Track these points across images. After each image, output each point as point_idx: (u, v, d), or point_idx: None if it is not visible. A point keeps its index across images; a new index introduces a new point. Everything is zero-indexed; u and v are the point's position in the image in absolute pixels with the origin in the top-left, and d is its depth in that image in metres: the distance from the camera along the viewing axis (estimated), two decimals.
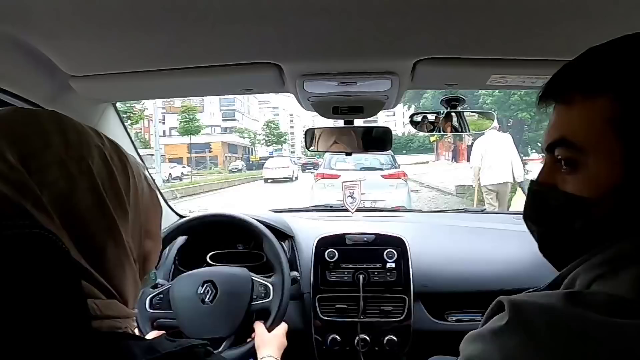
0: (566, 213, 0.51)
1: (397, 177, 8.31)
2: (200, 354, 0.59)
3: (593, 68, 0.50)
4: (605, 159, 0.47)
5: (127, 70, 1.02)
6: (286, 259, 1.41)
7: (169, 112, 49.20)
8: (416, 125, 1.50)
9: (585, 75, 0.50)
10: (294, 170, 22.50)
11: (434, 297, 1.57)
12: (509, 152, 5.67)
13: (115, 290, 0.57)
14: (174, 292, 1.35)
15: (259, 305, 1.33)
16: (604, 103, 0.47)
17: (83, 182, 0.52)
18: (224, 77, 1.08)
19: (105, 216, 0.54)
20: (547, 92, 0.54)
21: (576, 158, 0.49)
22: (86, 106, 1.26)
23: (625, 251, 0.44)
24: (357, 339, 1.49)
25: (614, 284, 0.42)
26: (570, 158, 0.50)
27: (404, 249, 1.57)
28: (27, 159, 0.49)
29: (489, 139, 5.70)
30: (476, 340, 0.46)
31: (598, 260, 0.46)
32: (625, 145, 0.46)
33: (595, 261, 0.46)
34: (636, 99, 0.46)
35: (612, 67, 0.48)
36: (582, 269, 0.47)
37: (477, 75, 1.07)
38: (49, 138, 0.51)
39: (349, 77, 1.07)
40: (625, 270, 0.42)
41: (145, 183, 0.64)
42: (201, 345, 0.60)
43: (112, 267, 0.56)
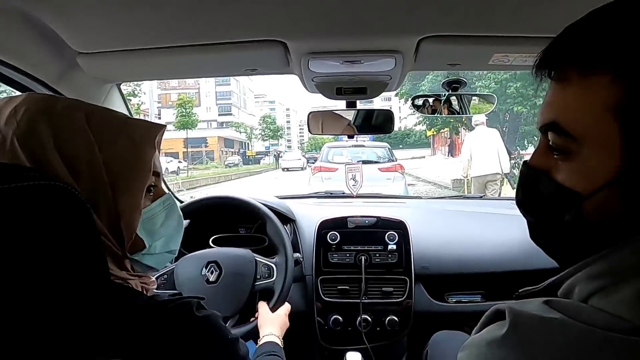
0: (556, 204, 0.46)
1: (394, 170, 8.33)
2: (193, 304, 0.61)
3: (592, 38, 0.42)
4: (602, 150, 0.42)
5: (133, 47, 1.03)
6: (289, 240, 1.42)
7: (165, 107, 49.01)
8: (418, 108, 1.52)
9: (582, 47, 0.43)
10: (304, 162, 28.06)
11: (434, 279, 1.59)
12: (495, 146, 5.99)
13: None
14: (178, 272, 1.36)
15: (262, 285, 1.34)
16: (603, 84, 0.41)
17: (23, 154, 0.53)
18: (229, 56, 1.09)
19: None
20: (542, 63, 0.47)
21: (569, 146, 0.44)
22: (92, 86, 1.26)
23: (626, 263, 0.40)
24: (359, 320, 1.51)
25: (613, 301, 0.39)
26: (562, 145, 0.45)
27: (405, 232, 1.59)
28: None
29: (477, 134, 6.09)
30: (474, 347, 0.45)
31: (598, 270, 0.42)
32: (626, 135, 0.40)
33: (595, 270, 0.42)
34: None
35: (613, 38, 0.41)
36: (582, 277, 0.43)
37: (480, 54, 1.08)
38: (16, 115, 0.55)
39: (354, 56, 1.08)
40: (625, 285, 0.39)
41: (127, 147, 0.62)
42: (195, 299, 0.63)
43: None
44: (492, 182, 5.99)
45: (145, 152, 0.64)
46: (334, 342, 1.58)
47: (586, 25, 0.43)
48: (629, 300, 0.38)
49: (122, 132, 0.62)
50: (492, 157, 5.92)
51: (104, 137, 0.59)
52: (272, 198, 1.77)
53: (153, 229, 0.69)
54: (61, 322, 0.44)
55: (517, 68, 1.17)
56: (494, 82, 13.93)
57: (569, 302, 0.42)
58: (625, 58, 0.39)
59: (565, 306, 0.41)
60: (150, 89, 24.21)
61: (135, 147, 0.63)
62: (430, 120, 20.53)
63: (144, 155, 0.64)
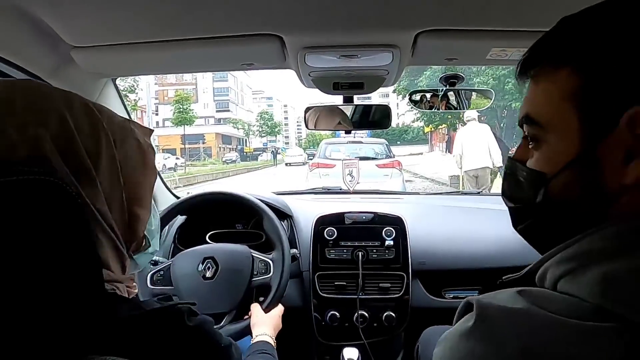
0: (528, 187, 0.51)
1: (391, 167, 8.34)
2: (184, 312, 0.60)
3: (557, 40, 0.49)
4: (564, 135, 0.47)
5: (128, 41, 1.02)
6: (286, 236, 1.41)
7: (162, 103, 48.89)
8: (415, 103, 1.51)
9: (549, 48, 0.49)
10: (305, 157, 31.30)
11: (431, 275, 1.59)
12: (486, 140, 6.21)
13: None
14: (174, 268, 1.35)
15: (259, 281, 1.34)
16: (565, 76, 0.46)
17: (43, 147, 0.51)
18: (225, 50, 1.08)
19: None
20: (521, 68, 0.53)
21: (538, 134, 0.50)
22: (87, 81, 1.25)
23: (594, 247, 0.43)
24: (356, 315, 1.51)
25: (579, 284, 0.42)
26: (533, 134, 0.51)
27: (402, 228, 1.59)
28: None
29: (469, 130, 6.32)
30: (447, 341, 0.46)
31: (567, 254, 0.45)
32: (582, 120, 0.45)
33: (565, 255, 0.45)
34: (597, 70, 0.44)
35: (575, 38, 0.46)
36: (554, 262, 0.46)
37: (478, 48, 1.08)
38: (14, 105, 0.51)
39: (351, 50, 1.07)
40: (591, 268, 0.41)
41: (135, 148, 0.63)
42: (186, 304, 0.62)
43: None
44: (482, 176, 6.20)
45: (150, 153, 0.65)
46: (331, 337, 1.57)
47: (556, 29, 0.49)
48: (592, 282, 0.40)
49: (128, 132, 0.62)
50: (482, 151, 6.12)
51: (116, 135, 0.59)
52: (269, 194, 1.77)
53: (151, 228, 0.69)
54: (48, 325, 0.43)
55: (515, 63, 1.15)
56: (492, 78, 13.94)
57: (539, 291, 0.45)
58: (583, 53, 0.45)
59: (535, 295, 0.43)
60: (148, 85, 24.18)
61: (142, 148, 0.64)
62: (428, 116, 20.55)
63: (149, 155, 0.65)
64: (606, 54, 0.44)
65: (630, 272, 0.39)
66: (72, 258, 0.46)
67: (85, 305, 0.47)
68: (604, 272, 0.40)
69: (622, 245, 0.41)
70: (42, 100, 0.54)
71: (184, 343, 0.58)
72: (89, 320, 0.47)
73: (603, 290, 0.40)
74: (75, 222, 0.47)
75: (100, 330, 0.50)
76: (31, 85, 0.54)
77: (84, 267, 0.47)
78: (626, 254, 0.40)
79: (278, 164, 33.17)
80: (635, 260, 0.39)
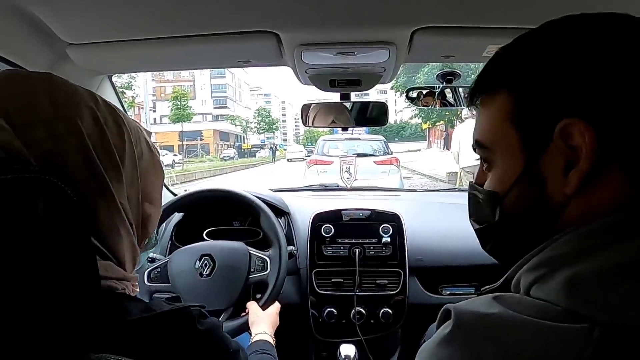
0: (486, 207, 0.53)
1: (389, 163, 8.34)
2: (195, 315, 0.60)
3: (493, 68, 0.52)
4: (508, 152, 0.49)
5: (124, 39, 1.01)
6: (283, 233, 1.42)
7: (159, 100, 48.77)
8: (412, 100, 1.51)
9: (488, 76, 0.53)
10: (305, 153, 31.22)
11: (428, 271, 1.59)
12: None
13: (110, 252, 0.57)
14: (171, 265, 1.35)
15: (256, 278, 1.34)
16: (501, 99, 0.49)
17: (70, 143, 0.52)
18: (221, 47, 1.08)
19: (95, 177, 0.54)
20: (469, 98, 0.56)
21: (488, 157, 0.53)
22: (83, 78, 1.25)
23: (558, 253, 0.44)
24: (353, 312, 1.51)
25: (547, 289, 0.43)
26: (485, 157, 0.54)
27: (399, 224, 1.59)
28: (11, 117, 0.49)
29: (466, 127, 6.38)
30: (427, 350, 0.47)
31: (535, 262, 0.46)
32: (522, 136, 0.47)
33: (534, 263, 0.46)
34: (526, 87, 0.47)
35: (507, 62, 0.50)
36: (524, 270, 0.47)
37: (474, 45, 1.08)
38: (36, 99, 0.51)
39: (347, 47, 1.07)
40: (557, 273, 0.42)
41: (146, 148, 0.64)
42: (197, 307, 0.61)
43: (106, 230, 0.56)
44: None
45: (157, 153, 0.67)
46: (328, 334, 1.58)
47: (491, 60, 0.53)
48: (559, 286, 0.41)
49: (140, 132, 0.64)
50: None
51: (132, 134, 0.60)
52: (266, 191, 1.77)
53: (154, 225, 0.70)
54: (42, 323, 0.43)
55: None
56: None
57: (512, 296, 0.46)
58: (514, 75, 0.48)
59: (509, 300, 0.44)
60: (145, 82, 24.08)
61: (150, 147, 0.65)
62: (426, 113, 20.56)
63: (157, 155, 0.67)
64: (533, 72, 0.47)
65: (593, 273, 0.40)
66: (66, 257, 0.46)
67: (81, 304, 0.47)
68: (569, 276, 0.41)
69: (584, 248, 0.42)
70: (71, 95, 0.54)
71: (193, 347, 0.57)
72: (87, 319, 0.47)
73: (569, 294, 0.40)
74: (71, 221, 0.47)
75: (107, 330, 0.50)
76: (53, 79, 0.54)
77: (80, 267, 0.47)
78: (589, 256, 0.41)
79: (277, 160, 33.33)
80: (598, 261, 0.40)
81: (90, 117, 0.55)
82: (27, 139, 0.49)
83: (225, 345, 0.65)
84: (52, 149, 0.50)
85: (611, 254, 0.40)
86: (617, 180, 0.44)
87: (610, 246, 0.41)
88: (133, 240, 0.61)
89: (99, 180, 0.54)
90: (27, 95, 0.51)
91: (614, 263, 0.40)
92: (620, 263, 0.39)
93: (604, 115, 0.43)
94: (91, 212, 0.54)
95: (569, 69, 0.44)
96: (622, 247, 0.40)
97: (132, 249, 0.61)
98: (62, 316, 0.44)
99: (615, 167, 0.43)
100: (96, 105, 0.56)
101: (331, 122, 1.51)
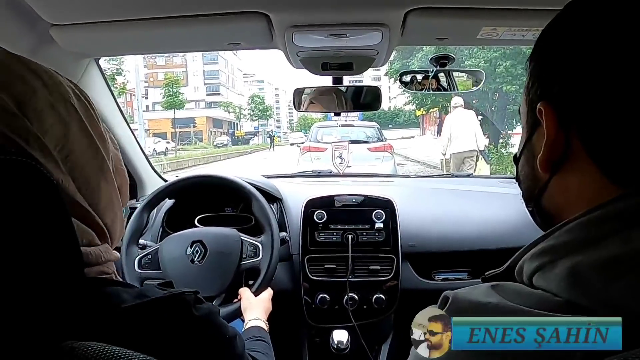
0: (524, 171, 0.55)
1: (383, 150, 8.36)
2: (190, 301, 0.58)
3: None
4: (522, 122, 0.53)
5: (110, 19, 0.98)
6: (275, 219, 1.41)
7: (152, 86, 48.31)
8: (405, 85, 1.50)
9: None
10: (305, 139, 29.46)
11: (421, 257, 1.59)
12: (472, 125, 6.74)
13: (107, 228, 0.57)
14: (162, 252, 1.34)
15: (248, 264, 1.33)
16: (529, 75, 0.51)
17: (74, 125, 0.51)
18: (210, 29, 1.05)
19: (96, 157, 0.54)
20: None
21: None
22: (68, 61, 1.21)
23: (562, 241, 0.43)
24: (346, 298, 1.51)
25: (549, 279, 0.42)
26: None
27: (392, 210, 1.58)
28: (22, 106, 0.47)
29: (456, 115, 6.85)
30: None
31: (539, 249, 0.45)
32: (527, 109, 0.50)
33: (538, 250, 0.45)
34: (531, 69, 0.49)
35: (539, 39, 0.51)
36: (528, 257, 0.46)
37: (468, 27, 1.06)
38: (32, 83, 0.49)
39: (339, 29, 1.05)
40: (560, 262, 0.42)
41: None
42: (191, 292, 0.60)
43: (105, 206, 0.56)
44: (469, 158, 6.69)
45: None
46: (321, 320, 1.58)
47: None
48: (560, 277, 0.41)
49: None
50: (469, 135, 6.62)
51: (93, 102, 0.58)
52: (258, 177, 1.75)
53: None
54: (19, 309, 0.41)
55: (506, 43, 1.15)
56: (484, 61, 13.85)
57: (510, 285, 0.46)
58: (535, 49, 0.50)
59: (507, 289, 0.44)
60: (136, 68, 23.80)
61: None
62: (420, 99, 20.48)
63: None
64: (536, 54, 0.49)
65: (595, 263, 0.39)
66: (47, 240, 0.44)
67: (62, 289, 0.45)
68: (570, 266, 0.40)
69: (586, 238, 0.42)
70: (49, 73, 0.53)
71: (189, 333, 0.56)
72: (68, 306, 0.46)
73: (571, 284, 0.40)
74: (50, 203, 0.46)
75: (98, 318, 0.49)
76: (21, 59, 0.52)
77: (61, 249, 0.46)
78: (590, 246, 0.40)
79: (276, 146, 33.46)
80: (599, 251, 0.40)
81: (75, 96, 0.53)
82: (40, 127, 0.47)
83: (222, 331, 0.63)
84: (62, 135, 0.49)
85: (612, 244, 0.39)
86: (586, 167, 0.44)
87: (611, 236, 0.40)
88: (122, 211, 0.61)
89: (99, 159, 0.54)
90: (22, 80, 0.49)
91: (615, 254, 0.39)
92: (622, 254, 0.39)
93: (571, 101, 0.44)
94: (96, 192, 0.54)
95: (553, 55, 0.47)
96: (623, 238, 0.39)
97: (121, 221, 0.61)
98: (39, 303, 0.42)
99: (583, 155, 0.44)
100: (72, 84, 0.55)
101: (324, 107, 1.49)
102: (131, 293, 0.55)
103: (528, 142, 0.51)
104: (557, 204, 0.49)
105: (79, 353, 0.42)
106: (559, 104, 0.45)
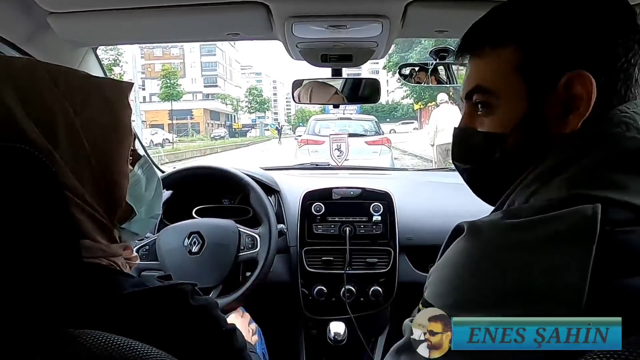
0: (485, 148, 0.59)
1: (380, 144, 8.36)
2: (188, 291, 0.58)
3: (499, 23, 0.58)
4: (513, 98, 0.56)
5: (107, 7, 0.97)
6: (273, 211, 1.41)
7: (149, 77, 48.04)
8: (405, 77, 1.49)
9: (492, 30, 0.58)
10: None
11: (418, 250, 1.59)
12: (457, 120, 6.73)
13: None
14: (159, 243, 1.34)
15: (246, 256, 1.34)
16: (510, 52, 0.55)
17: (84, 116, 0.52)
18: (209, 18, 1.04)
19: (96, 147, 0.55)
20: (462, 47, 0.61)
21: (490, 101, 0.58)
22: (65, 50, 1.20)
23: (550, 165, 0.51)
24: (343, 290, 1.51)
25: (548, 191, 0.49)
26: (485, 101, 0.59)
27: (390, 203, 1.58)
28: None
29: (442, 110, 7.21)
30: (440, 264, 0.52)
31: (530, 179, 0.53)
32: (528, 85, 0.54)
33: (527, 181, 0.53)
34: (535, 46, 0.54)
35: (515, 20, 0.56)
36: (519, 190, 0.54)
37: (469, 19, 1.03)
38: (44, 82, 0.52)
39: (339, 20, 1.04)
40: (555, 179, 0.49)
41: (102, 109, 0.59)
42: (189, 284, 0.60)
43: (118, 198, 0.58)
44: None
45: (122, 113, 0.59)
46: (318, 312, 1.58)
47: (494, 14, 0.59)
48: (559, 185, 0.48)
49: (93, 92, 0.57)
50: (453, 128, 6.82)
51: (75, 98, 0.54)
52: (256, 169, 1.75)
53: (138, 194, 0.65)
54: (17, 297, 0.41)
55: None
56: None
57: (515, 207, 0.53)
58: (523, 33, 0.55)
59: (513, 211, 0.51)
60: (133, 59, 23.63)
61: (111, 108, 0.58)
62: (418, 93, 20.47)
63: (122, 116, 0.59)
64: (543, 31, 0.54)
65: (592, 164, 0.48)
66: (45, 228, 0.44)
67: (61, 276, 0.45)
68: (568, 176, 0.48)
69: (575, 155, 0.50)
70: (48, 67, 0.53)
71: (186, 322, 0.56)
72: (66, 293, 0.46)
73: (573, 184, 0.47)
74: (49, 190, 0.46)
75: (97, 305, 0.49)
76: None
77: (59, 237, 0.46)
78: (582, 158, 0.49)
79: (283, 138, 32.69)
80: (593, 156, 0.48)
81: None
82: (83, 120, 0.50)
83: (219, 323, 0.63)
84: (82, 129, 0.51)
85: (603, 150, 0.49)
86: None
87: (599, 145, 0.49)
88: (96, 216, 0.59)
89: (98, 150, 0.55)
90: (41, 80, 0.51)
91: (609, 154, 0.48)
92: (616, 153, 0.48)
93: (603, 68, 0.51)
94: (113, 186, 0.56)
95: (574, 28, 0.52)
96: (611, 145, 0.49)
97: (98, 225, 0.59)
98: (38, 290, 0.42)
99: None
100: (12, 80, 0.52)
101: (322, 99, 1.48)
102: (130, 281, 0.55)
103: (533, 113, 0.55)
104: None
105: (78, 341, 0.42)
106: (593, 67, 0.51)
